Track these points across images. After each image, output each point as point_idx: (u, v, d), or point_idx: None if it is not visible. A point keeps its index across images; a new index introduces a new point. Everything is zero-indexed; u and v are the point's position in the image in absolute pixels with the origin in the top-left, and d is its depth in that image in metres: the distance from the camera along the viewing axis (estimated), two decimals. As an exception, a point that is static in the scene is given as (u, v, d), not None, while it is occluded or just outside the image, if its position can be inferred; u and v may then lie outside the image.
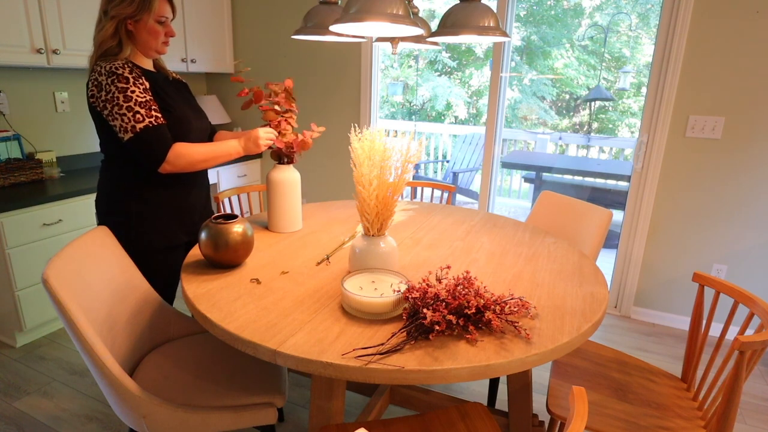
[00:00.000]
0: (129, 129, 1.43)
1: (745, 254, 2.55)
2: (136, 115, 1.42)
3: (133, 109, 1.42)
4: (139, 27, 1.48)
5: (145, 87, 1.47)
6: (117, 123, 1.43)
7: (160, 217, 1.60)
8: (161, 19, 1.51)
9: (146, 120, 1.44)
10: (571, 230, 2.01)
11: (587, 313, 1.19)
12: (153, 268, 1.61)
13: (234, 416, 1.27)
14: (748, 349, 1.09)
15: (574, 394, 0.83)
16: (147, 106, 1.45)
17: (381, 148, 1.26)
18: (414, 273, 1.41)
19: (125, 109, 1.42)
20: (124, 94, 1.41)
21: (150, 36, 1.50)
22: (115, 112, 1.42)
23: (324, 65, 3.36)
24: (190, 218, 1.68)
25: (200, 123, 1.67)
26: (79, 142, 2.94)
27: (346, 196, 3.56)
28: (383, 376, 0.95)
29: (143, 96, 1.45)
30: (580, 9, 6.90)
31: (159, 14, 1.49)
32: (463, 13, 1.33)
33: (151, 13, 1.47)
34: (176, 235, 1.64)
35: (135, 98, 1.43)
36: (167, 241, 1.62)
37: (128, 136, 1.43)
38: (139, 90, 1.44)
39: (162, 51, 1.57)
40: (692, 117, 2.49)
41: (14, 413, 1.92)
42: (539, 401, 2.09)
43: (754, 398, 2.16)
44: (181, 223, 1.65)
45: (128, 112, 1.42)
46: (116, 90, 1.41)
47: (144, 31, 1.49)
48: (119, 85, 1.41)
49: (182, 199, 1.64)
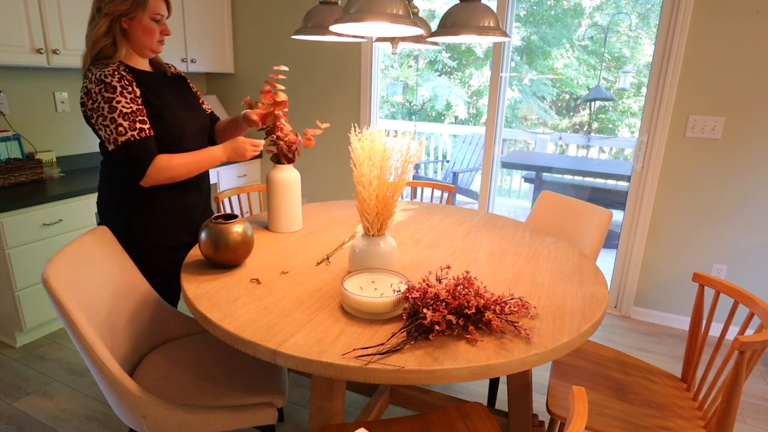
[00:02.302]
0: (111, 141, 1.42)
1: (745, 254, 2.55)
2: (118, 128, 1.40)
3: (116, 121, 1.40)
4: (133, 25, 1.45)
5: (134, 96, 1.44)
6: (102, 133, 1.43)
7: (161, 217, 1.59)
8: (156, 16, 1.48)
9: (129, 133, 1.41)
10: (571, 230, 2.01)
11: (587, 313, 1.19)
12: (155, 268, 1.61)
13: (234, 416, 1.27)
14: (748, 349, 1.09)
15: (574, 394, 0.83)
16: (131, 118, 1.42)
17: (381, 148, 1.25)
18: (414, 273, 1.40)
19: (109, 120, 1.40)
20: (109, 104, 1.39)
21: (145, 34, 1.47)
22: (100, 122, 1.41)
23: (324, 65, 3.36)
24: (191, 218, 1.68)
25: (197, 123, 1.65)
26: (79, 142, 2.94)
27: (346, 196, 3.56)
28: (383, 376, 0.95)
29: (129, 107, 1.42)
30: (580, 9, 6.90)
31: (154, 11, 1.46)
32: (463, 13, 1.33)
33: (146, 11, 1.44)
34: (178, 235, 1.64)
35: (120, 109, 1.40)
36: (169, 241, 1.62)
37: (111, 147, 1.43)
38: (125, 100, 1.41)
39: (157, 50, 1.54)
40: (692, 117, 2.49)
41: (14, 413, 1.92)
42: (539, 401, 2.09)
43: (754, 398, 2.16)
44: (182, 222, 1.65)
45: (111, 124, 1.40)
46: (102, 100, 1.39)
47: (139, 29, 1.46)
48: (105, 95, 1.39)
49: (183, 199, 1.64)
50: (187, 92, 1.69)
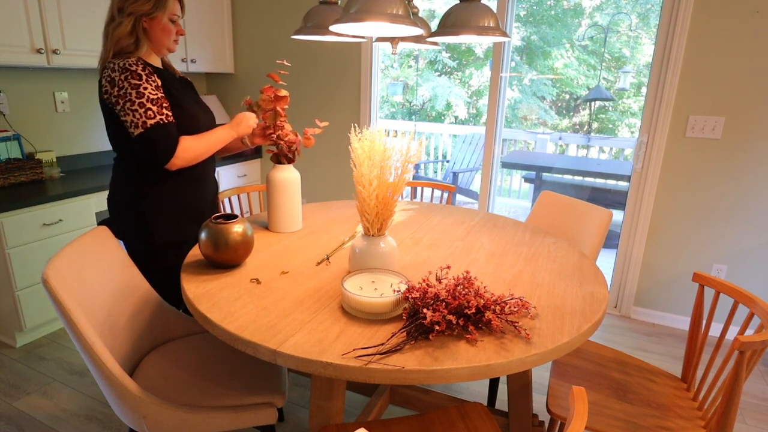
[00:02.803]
0: (140, 124, 1.46)
1: (745, 254, 2.55)
2: (147, 112, 1.46)
3: (144, 105, 1.46)
4: (153, 24, 1.53)
5: (157, 84, 1.51)
6: (128, 118, 1.47)
7: (172, 212, 1.63)
8: (173, 17, 1.57)
9: (157, 117, 1.47)
10: (571, 230, 2.01)
11: (587, 313, 1.19)
12: (165, 265, 1.65)
13: (234, 416, 1.27)
14: (748, 349, 1.09)
15: (574, 394, 0.83)
16: (158, 104, 1.49)
17: (381, 148, 1.25)
18: (414, 273, 1.40)
19: (137, 105, 1.45)
20: (136, 90, 1.45)
21: (163, 34, 1.56)
22: (127, 107, 1.46)
23: (324, 65, 3.36)
24: (201, 212, 1.72)
25: (207, 119, 1.71)
26: (79, 142, 2.94)
27: (346, 196, 3.56)
28: (383, 376, 0.95)
29: (155, 93, 1.49)
30: (580, 9, 6.90)
31: (172, 12, 1.56)
32: (463, 13, 1.33)
33: (165, 11, 1.53)
34: (190, 229, 1.68)
35: (147, 95, 1.47)
36: (179, 236, 1.65)
37: (138, 131, 1.46)
38: (151, 87, 1.48)
39: (173, 49, 1.62)
40: (692, 117, 2.49)
41: (14, 413, 1.92)
42: (539, 401, 2.09)
43: (754, 398, 2.16)
44: (192, 217, 1.69)
45: (140, 108, 1.45)
46: (129, 86, 1.45)
47: (158, 29, 1.54)
48: (132, 81, 1.45)
49: (193, 193, 1.68)
50: (195, 95, 1.76)
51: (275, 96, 1.64)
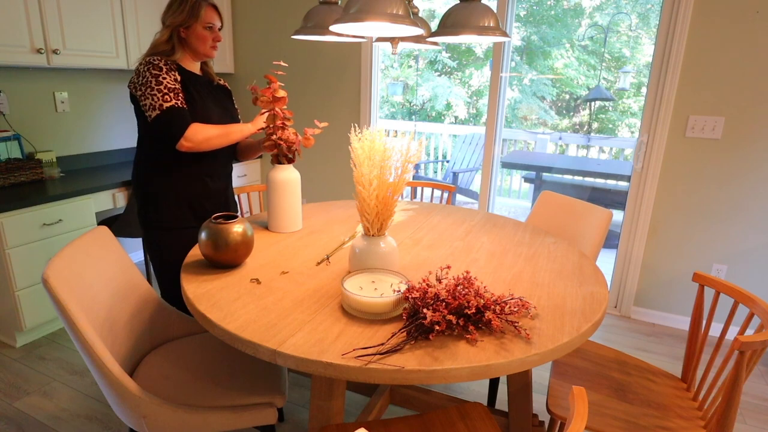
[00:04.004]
0: (157, 107, 1.59)
1: (745, 254, 2.55)
2: (165, 96, 1.60)
3: (162, 91, 1.60)
4: (189, 33, 1.70)
5: (175, 78, 1.65)
6: (147, 102, 1.60)
7: (170, 200, 1.74)
8: (208, 25, 1.71)
9: (173, 101, 1.61)
10: (571, 230, 2.01)
11: (587, 313, 1.19)
12: (175, 247, 1.77)
13: (234, 416, 1.27)
14: (748, 349, 1.09)
15: (574, 394, 0.83)
16: (175, 92, 1.63)
17: (381, 148, 1.25)
18: (414, 273, 1.40)
19: (156, 90, 1.60)
20: (156, 78, 1.61)
21: (199, 41, 1.71)
22: (147, 92, 1.60)
23: (324, 65, 3.36)
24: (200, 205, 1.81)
25: (222, 122, 1.78)
26: (79, 142, 2.94)
27: (346, 196, 3.56)
28: (383, 376, 0.95)
29: (173, 84, 1.63)
30: (580, 9, 6.90)
31: (206, 21, 1.70)
32: (463, 13, 1.33)
33: (198, 20, 1.68)
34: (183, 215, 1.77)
35: (166, 83, 1.61)
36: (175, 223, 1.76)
37: (155, 113, 1.60)
38: (170, 78, 1.63)
39: (210, 54, 1.77)
40: (692, 117, 2.49)
41: (14, 413, 1.92)
42: (539, 401, 2.09)
43: (754, 398, 2.16)
44: (188, 206, 1.78)
45: (158, 93, 1.60)
46: (150, 75, 1.61)
47: (194, 37, 1.70)
48: (153, 71, 1.61)
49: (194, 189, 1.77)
50: (227, 102, 1.88)
51: (273, 97, 1.64)
